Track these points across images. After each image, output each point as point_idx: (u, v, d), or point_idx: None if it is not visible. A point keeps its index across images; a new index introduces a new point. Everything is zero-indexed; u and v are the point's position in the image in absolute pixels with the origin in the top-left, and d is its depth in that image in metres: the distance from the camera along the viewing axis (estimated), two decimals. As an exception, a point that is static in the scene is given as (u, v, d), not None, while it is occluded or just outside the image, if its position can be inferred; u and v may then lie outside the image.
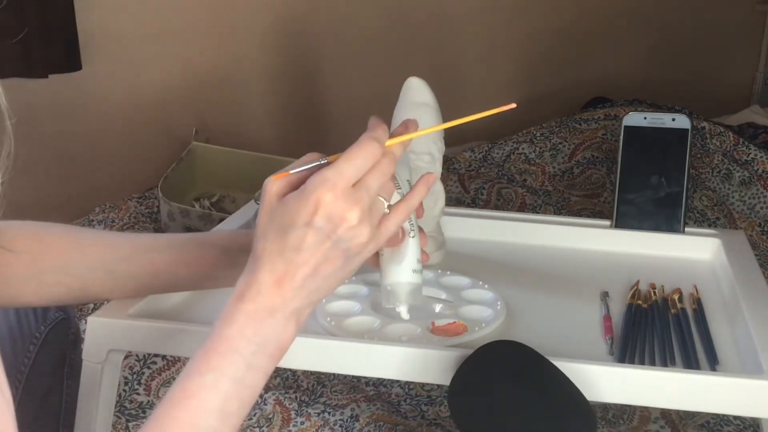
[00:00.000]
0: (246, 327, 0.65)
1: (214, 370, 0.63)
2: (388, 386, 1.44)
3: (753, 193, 2.06)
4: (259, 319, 0.65)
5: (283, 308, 0.66)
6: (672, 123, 1.22)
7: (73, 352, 1.02)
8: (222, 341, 0.64)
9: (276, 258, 0.66)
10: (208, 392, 0.62)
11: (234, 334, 0.64)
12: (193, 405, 0.61)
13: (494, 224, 1.25)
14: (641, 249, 1.20)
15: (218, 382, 0.63)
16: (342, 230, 0.66)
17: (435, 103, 1.12)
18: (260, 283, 0.66)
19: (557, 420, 0.75)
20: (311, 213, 0.65)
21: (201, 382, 0.62)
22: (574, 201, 2.13)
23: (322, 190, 0.65)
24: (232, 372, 0.63)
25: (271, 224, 0.67)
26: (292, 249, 0.66)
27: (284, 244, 0.66)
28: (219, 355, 0.63)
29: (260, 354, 0.65)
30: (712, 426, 1.32)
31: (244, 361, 0.64)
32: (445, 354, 0.86)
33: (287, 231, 0.66)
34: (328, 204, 0.65)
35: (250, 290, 0.66)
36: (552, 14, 2.90)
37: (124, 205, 2.00)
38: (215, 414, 0.62)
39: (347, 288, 1.04)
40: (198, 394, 0.62)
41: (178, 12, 2.26)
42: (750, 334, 0.91)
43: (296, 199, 0.66)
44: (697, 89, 2.96)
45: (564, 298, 1.06)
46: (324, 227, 0.65)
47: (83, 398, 0.95)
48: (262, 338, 0.65)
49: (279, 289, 0.66)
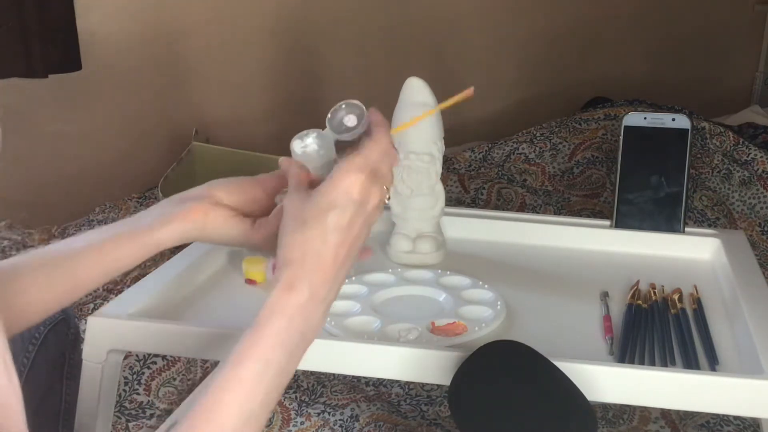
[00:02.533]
0: (296, 319, 0.67)
1: (263, 361, 0.66)
2: (388, 386, 1.43)
3: (753, 193, 2.06)
4: (308, 310, 0.68)
5: (327, 298, 0.69)
6: (672, 123, 1.22)
7: (72, 352, 1.02)
8: (273, 334, 0.67)
9: (320, 245, 0.69)
10: (257, 381, 0.65)
11: (285, 326, 0.67)
12: (243, 391, 0.64)
13: (494, 224, 1.25)
14: (641, 249, 1.20)
15: (266, 371, 0.65)
16: (371, 207, 0.71)
17: (435, 103, 1.12)
18: (309, 272, 0.68)
19: (557, 420, 0.75)
20: (349, 191, 0.70)
21: (253, 369, 0.65)
22: (574, 201, 2.13)
23: (357, 172, 0.70)
24: (278, 363, 0.66)
25: (306, 213, 0.70)
26: (333, 231, 0.69)
27: (325, 228, 0.69)
28: (270, 347, 0.66)
29: (301, 345, 0.68)
30: (712, 426, 1.32)
31: (290, 351, 0.67)
32: (445, 354, 0.86)
33: (327, 214, 0.69)
34: (363, 183, 0.70)
35: (300, 281, 0.68)
36: (552, 15, 2.90)
37: (124, 205, 2.00)
38: (259, 400, 0.65)
39: (347, 288, 1.04)
40: (248, 380, 0.65)
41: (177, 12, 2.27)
42: (750, 334, 0.91)
43: (331, 185, 0.70)
44: (697, 89, 2.96)
45: (564, 298, 1.06)
46: (362, 203, 0.70)
47: (83, 398, 0.95)
48: (306, 327, 0.68)
49: (326, 276, 0.69)
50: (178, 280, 1.04)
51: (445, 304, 1.01)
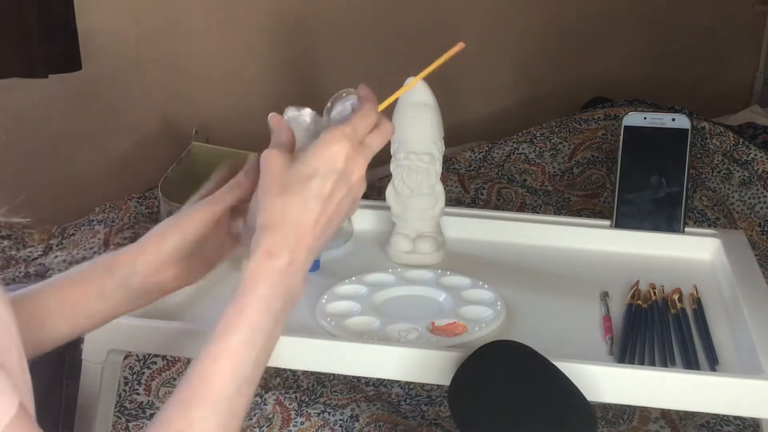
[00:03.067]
0: (278, 285, 0.68)
1: (251, 327, 0.66)
2: (388, 386, 1.43)
3: (753, 193, 2.06)
4: (289, 276, 0.68)
5: (305, 263, 0.70)
6: (672, 123, 1.22)
7: (72, 353, 1.02)
8: (257, 299, 0.67)
9: (300, 212, 0.68)
10: (247, 347, 0.65)
11: (268, 292, 0.67)
12: (234, 359, 0.65)
13: (494, 224, 1.25)
14: (641, 249, 1.20)
15: (255, 337, 0.66)
16: (356, 178, 0.71)
17: (435, 103, 1.12)
18: (288, 238, 0.68)
19: (557, 420, 0.75)
20: (334, 159, 0.69)
21: (241, 338, 0.65)
22: (574, 201, 2.13)
23: (343, 140, 0.69)
24: (266, 328, 0.67)
25: (288, 183, 0.69)
26: (314, 199, 0.69)
27: (306, 195, 0.69)
28: (255, 312, 0.66)
29: (284, 309, 0.69)
30: (712, 426, 1.32)
31: (275, 316, 0.68)
32: (445, 354, 0.86)
33: (309, 181, 0.69)
34: (348, 152, 0.69)
35: (280, 248, 0.68)
36: (552, 14, 2.90)
37: (124, 205, 2.00)
38: (251, 365, 0.66)
39: (347, 288, 1.04)
40: (238, 349, 0.65)
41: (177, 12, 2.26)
42: (750, 334, 0.91)
43: (315, 151, 0.69)
44: (697, 89, 2.96)
45: (564, 298, 1.06)
46: (345, 172, 0.70)
47: (83, 398, 0.95)
48: (288, 293, 0.68)
49: (305, 242, 0.69)
50: (178, 280, 1.04)
51: (445, 304, 1.01)
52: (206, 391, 0.63)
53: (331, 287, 1.04)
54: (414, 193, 1.14)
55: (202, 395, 0.63)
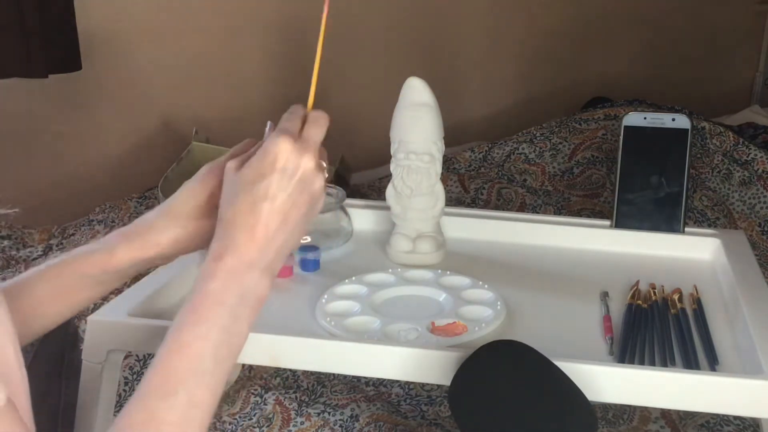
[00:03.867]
0: (228, 282, 0.69)
1: (205, 321, 0.68)
2: (388, 386, 1.43)
3: (753, 193, 2.06)
4: (239, 273, 0.70)
5: (259, 261, 0.71)
6: (672, 123, 1.22)
7: (71, 352, 1.02)
8: (208, 296, 0.69)
9: (248, 215, 0.71)
10: (202, 341, 0.67)
11: (218, 288, 0.69)
12: (191, 353, 0.67)
13: (494, 224, 1.25)
14: (641, 249, 1.20)
15: (210, 331, 0.68)
16: (302, 172, 0.73)
17: (435, 103, 1.12)
18: (237, 240, 0.70)
19: (557, 419, 0.75)
20: (274, 160, 0.72)
21: (195, 332, 0.67)
22: (574, 201, 2.13)
23: (280, 141, 0.72)
24: (221, 322, 0.68)
25: (237, 187, 0.72)
26: (262, 199, 0.71)
27: (254, 197, 0.71)
28: (207, 308, 0.68)
29: (243, 305, 0.70)
30: (712, 426, 1.32)
31: (230, 311, 0.69)
32: (445, 354, 0.86)
33: (255, 184, 0.71)
34: (288, 150, 0.72)
35: (227, 249, 0.70)
36: (552, 14, 2.90)
37: (124, 205, 2.00)
38: (210, 360, 0.67)
39: (347, 288, 1.05)
40: (193, 343, 0.67)
41: (178, 12, 2.27)
42: (750, 334, 0.91)
43: (258, 156, 0.73)
44: (697, 89, 2.96)
45: (564, 298, 1.06)
46: (288, 169, 0.72)
47: (83, 398, 0.95)
48: (243, 290, 0.70)
49: (254, 243, 0.71)
50: (178, 280, 1.04)
51: (445, 304, 1.01)
52: (164, 385, 0.65)
53: (331, 287, 1.04)
54: (414, 193, 1.14)
55: (160, 388, 0.65)
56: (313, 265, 1.14)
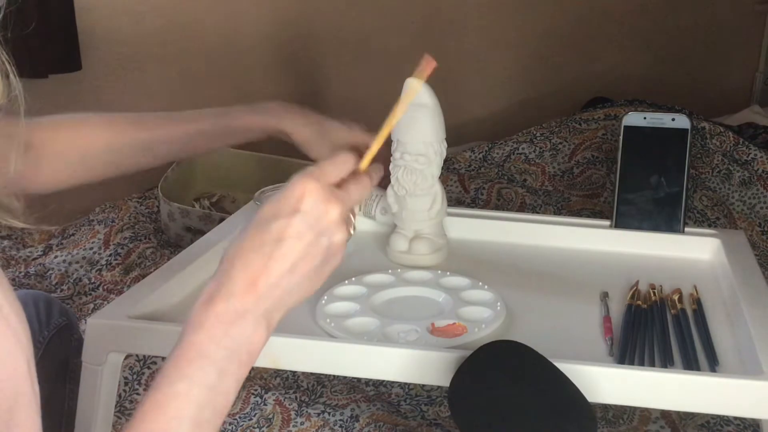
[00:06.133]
0: (215, 330, 0.61)
1: (185, 378, 0.60)
2: (388, 386, 1.44)
3: (753, 193, 2.06)
4: (228, 322, 0.61)
5: (254, 309, 0.62)
6: (672, 123, 1.22)
7: (75, 357, 1.02)
8: (191, 347, 0.61)
9: (252, 255, 0.63)
10: (180, 401, 0.59)
11: (203, 338, 0.61)
12: (166, 415, 0.59)
13: (494, 224, 1.25)
14: (641, 249, 1.20)
15: (190, 390, 0.59)
16: (325, 222, 0.65)
17: (434, 105, 1.11)
18: (233, 282, 0.62)
19: (557, 420, 0.75)
20: (297, 200, 0.64)
21: (172, 391, 0.59)
22: (574, 201, 2.13)
23: (307, 180, 0.65)
24: (204, 379, 0.60)
25: (251, 223, 0.65)
26: (272, 241, 0.63)
27: (264, 237, 0.63)
28: (188, 362, 0.60)
29: (231, 359, 0.62)
30: (712, 426, 1.32)
31: (216, 366, 0.61)
32: (444, 355, 0.86)
33: (270, 222, 0.64)
34: (313, 191, 0.64)
35: (220, 291, 0.62)
36: (552, 14, 2.90)
37: (124, 205, 2.00)
38: (188, 423, 0.59)
39: (347, 289, 1.04)
40: (169, 404, 0.59)
41: (178, 12, 2.27)
42: (750, 335, 0.91)
43: (281, 193, 0.65)
44: (697, 89, 2.95)
45: (564, 298, 1.06)
46: (309, 214, 0.64)
47: (83, 400, 0.95)
48: (231, 341, 0.61)
49: (253, 287, 0.62)
50: (178, 281, 1.04)
51: (445, 305, 1.01)
52: None
53: (330, 288, 1.04)
54: (409, 194, 1.14)
55: None
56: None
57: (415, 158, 1.11)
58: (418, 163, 1.11)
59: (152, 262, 1.78)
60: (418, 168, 1.12)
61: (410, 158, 1.11)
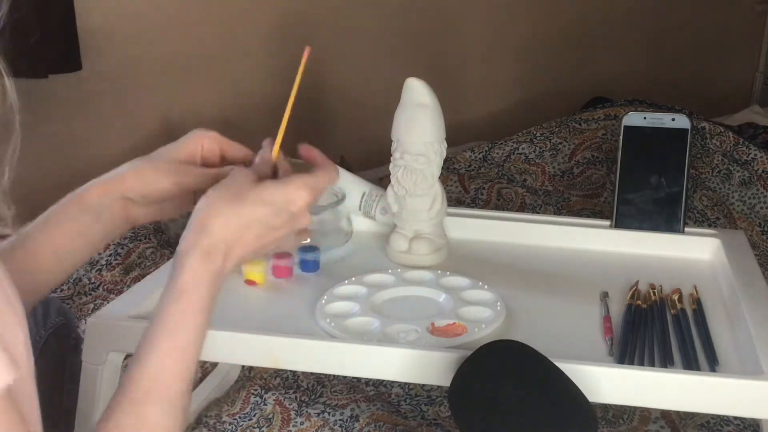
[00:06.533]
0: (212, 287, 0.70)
1: (194, 328, 0.69)
2: (388, 386, 1.43)
3: (753, 193, 2.06)
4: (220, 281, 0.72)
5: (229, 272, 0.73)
6: (672, 123, 1.22)
7: (73, 357, 1.02)
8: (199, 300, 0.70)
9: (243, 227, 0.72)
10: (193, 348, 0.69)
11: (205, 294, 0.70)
12: (185, 359, 0.68)
13: (494, 224, 1.25)
14: (641, 249, 1.20)
15: (198, 338, 0.69)
16: (299, 225, 0.76)
17: (434, 104, 1.12)
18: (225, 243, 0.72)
19: (558, 420, 0.75)
20: (292, 203, 0.75)
21: (187, 338, 0.68)
22: (574, 201, 2.13)
23: (306, 190, 0.75)
24: (203, 328, 0.70)
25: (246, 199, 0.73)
26: (259, 222, 0.73)
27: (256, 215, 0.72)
28: (199, 314, 0.69)
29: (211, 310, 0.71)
30: (712, 426, 1.32)
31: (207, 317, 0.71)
32: (444, 355, 0.86)
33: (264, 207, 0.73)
34: (305, 202, 0.76)
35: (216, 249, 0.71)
36: (552, 15, 2.90)
37: (124, 206, 1.99)
38: (194, 365, 0.69)
39: (347, 289, 1.04)
40: (188, 349, 0.68)
41: (178, 12, 2.26)
42: (750, 335, 0.91)
43: (282, 187, 0.75)
44: (697, 89, 2.96)
45: (564, 298, 1.06)
46: (296, 217, 0.75)
47: (83, 399, 0.95)
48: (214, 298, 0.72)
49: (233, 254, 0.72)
50: (178, 281, 1.04)
51: (445, 304, 1.01)
52: (161, 390, 0.65)
53: (330, 288, 1.04)
54: (409, 194, 1.14)
55: (157, 393, 0.65)
56: (312, 265, 1.13)
57: (415, 158, 1.11)
58: (418, 163, 1.11)
59: (152, 262, 1.78)
60: (418, 168, 1.12)
61: (410, 158, 1.11)
